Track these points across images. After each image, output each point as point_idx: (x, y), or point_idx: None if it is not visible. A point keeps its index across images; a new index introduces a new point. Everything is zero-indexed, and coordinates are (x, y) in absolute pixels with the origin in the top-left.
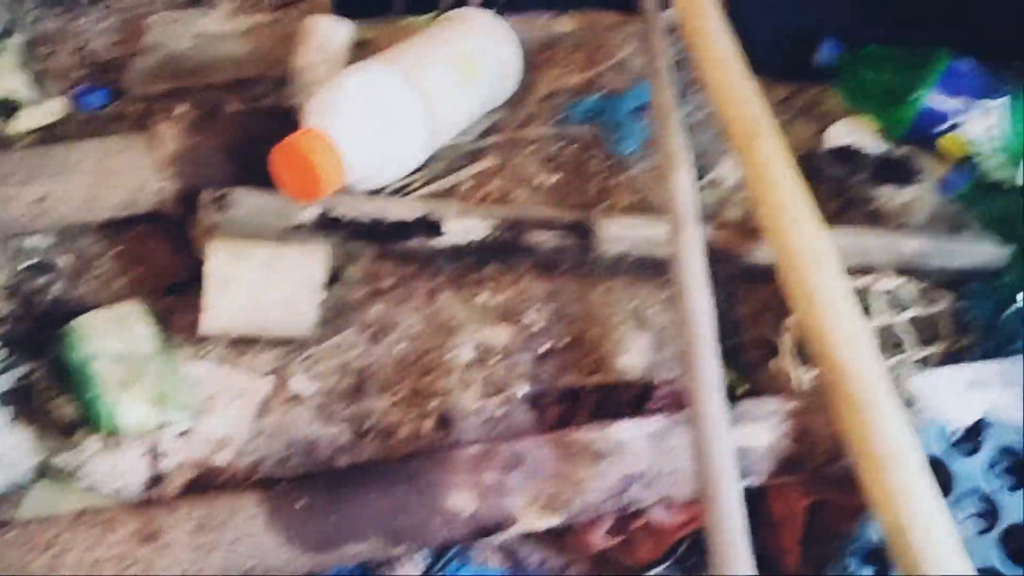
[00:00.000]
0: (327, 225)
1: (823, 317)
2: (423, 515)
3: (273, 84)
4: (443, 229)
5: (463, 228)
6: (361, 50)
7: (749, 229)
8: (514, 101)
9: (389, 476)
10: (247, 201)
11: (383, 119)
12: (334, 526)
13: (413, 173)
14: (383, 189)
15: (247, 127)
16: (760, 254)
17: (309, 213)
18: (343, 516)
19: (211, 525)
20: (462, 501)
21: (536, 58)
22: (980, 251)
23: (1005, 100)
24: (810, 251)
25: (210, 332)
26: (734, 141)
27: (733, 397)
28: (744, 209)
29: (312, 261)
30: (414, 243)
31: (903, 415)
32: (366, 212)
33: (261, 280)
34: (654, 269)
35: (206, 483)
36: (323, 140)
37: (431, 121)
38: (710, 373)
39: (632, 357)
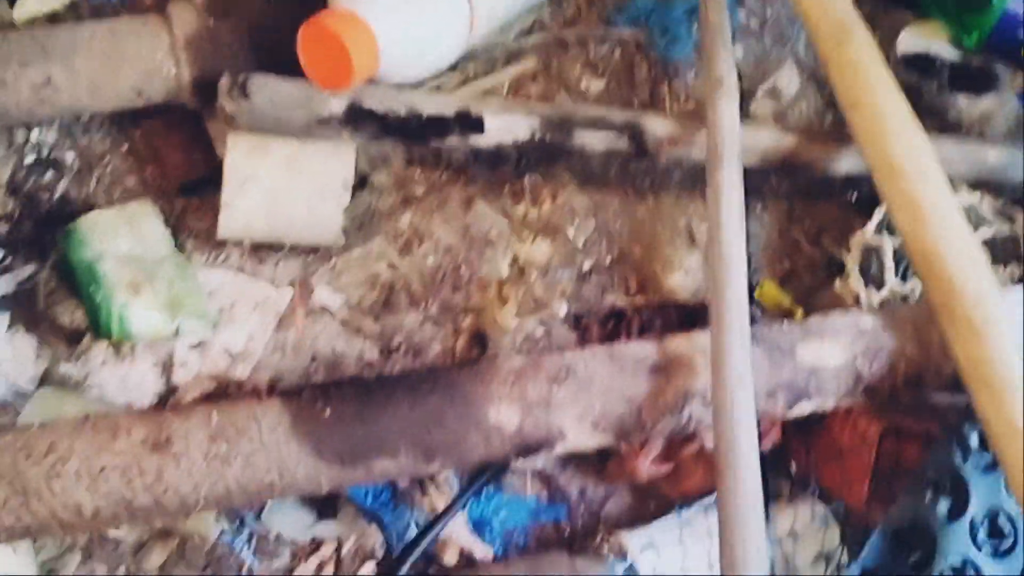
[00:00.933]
0: (357, 118)
1: (933, 233)
2: (460, 429)
3: None
4: (485, 125)
5: (505, 125)
6: None
7: (816, 134)
8: None
9: (424, 387)
10: (270, 88)
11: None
12: (362, 438)
13: (447, 72)
14: (417, 85)
15: (271, 9)
16: (830, 164)
17: (338, 104)
18: (372, 427)
19: (228, 433)
20: (504, 415)
21: None
22: None
23: None
24: (914, 161)
25: (228, 235)
26: (821, 45)
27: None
28: (804, 120)
29: (340, 159)
30: (451, 143)
31: (1020, 339)
32: (401, 104)
33: (284, 179)
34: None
35: (222, 398)
36: (356, 20)
37: (472, 3)
38: (739, 324)
39: (682, 276)
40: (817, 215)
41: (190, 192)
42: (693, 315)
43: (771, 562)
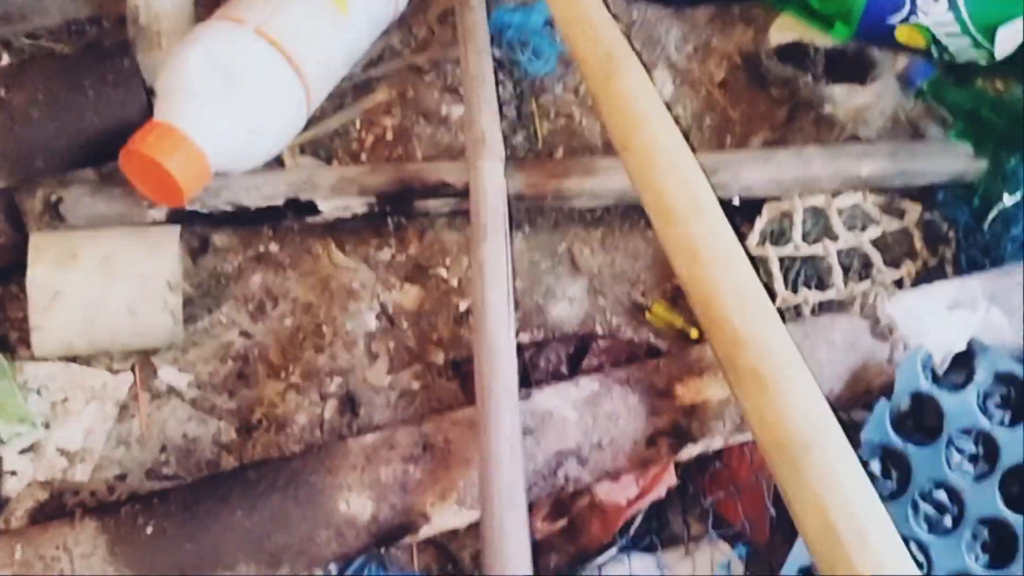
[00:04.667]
0: (182, 221)
1: (712, 278)
2: (307, 528)
3: (113, 24)
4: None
5: (341, 204)
6: None
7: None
8: (406, 23)
9: (260, 484)
10: (86, 207)
11: (243, 89)
12: (193, 553)
13: None
14: None
15: (72, 70)
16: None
17: (158, 212)
18: (203, 540)
19: (34, 566)
20: (356, 505)
21: None
22: (949, 162)
23: None
24: (689, 200)
25: (46, 354)
26: (589, 81)
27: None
28: (682, 127)
29: (161, 254)
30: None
31: (819, 393)
32: (225, 200)
33: (99, 288)
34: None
35: (59, 506)
36: (174, 136)
37: (301, 75)
38: (509, 424)
39: (567, 306)
40: None
41: (8, 278)
42: (580, 347)
43: None
